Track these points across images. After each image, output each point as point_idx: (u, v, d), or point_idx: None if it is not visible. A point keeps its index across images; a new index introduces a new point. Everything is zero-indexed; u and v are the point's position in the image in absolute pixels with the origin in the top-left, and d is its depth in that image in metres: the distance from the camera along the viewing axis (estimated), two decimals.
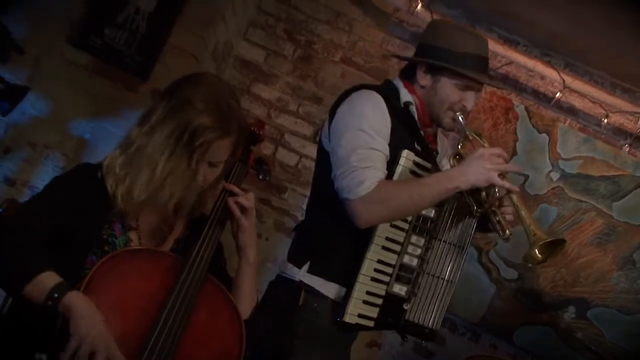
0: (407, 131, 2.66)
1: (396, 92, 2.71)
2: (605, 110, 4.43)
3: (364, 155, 2.47)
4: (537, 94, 4.56)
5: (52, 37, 3.99)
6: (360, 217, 2.45)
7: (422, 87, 2.70)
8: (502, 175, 2.42)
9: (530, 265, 2.54)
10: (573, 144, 4.41)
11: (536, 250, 2.45)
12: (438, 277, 2.64)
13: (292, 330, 2.57)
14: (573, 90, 4.46)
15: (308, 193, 4.43)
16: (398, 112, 2.64)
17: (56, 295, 1.84)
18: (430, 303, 2.64)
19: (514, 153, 4.42)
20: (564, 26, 4.10)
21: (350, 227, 2.51)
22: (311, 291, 2.58)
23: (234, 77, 4.57)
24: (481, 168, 2.40)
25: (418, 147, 2.67)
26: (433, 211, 2.63)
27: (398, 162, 2.54)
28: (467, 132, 2.65)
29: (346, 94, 2.66)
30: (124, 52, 4.02)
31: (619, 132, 4.50)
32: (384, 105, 2.59)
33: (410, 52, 4.53)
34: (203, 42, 4.13)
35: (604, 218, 4.36)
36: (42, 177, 3.88)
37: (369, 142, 2.49)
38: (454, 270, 2.65)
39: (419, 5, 4.39)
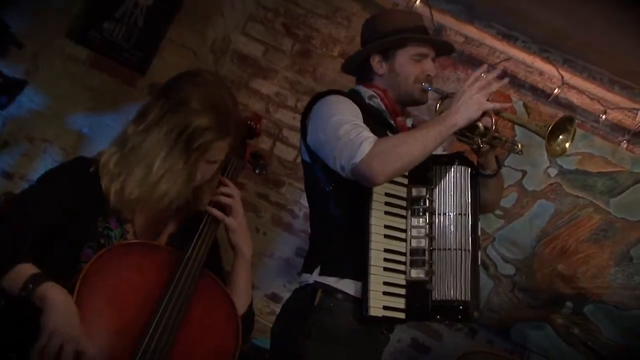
0: (378, 123, 2.69)
1: (358, 94, 2.77)
2: (604, 107, 4.43)
3: (349, 127, 2.48)
4: (535, 90, 4.56)
5: (51, 31, 3.99)
6: (374, 172, 2.40)
7: (381, 75, 2.77)
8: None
9: (557, 156, 2.53)
10: None
11: (555, 137, 2.45)
12: (450, 249, 2.60)
13: (306, 331, 2.56)
14: (571, 87, 4.46)
15: None
16: (365, 107, 2.68)
17: (30, 286, 1.83)
18: (451, 276, 2.59)
19: None
20: (563, 22, 4.10)
21: (348, 223, 2.57)
22: (327, 290, 2.58)
23: (232, 72, 4.57)
24: (470, 100, 2.45)
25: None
26: (424, 189, 2.63)
27: None
28: (441, 94, 2.71)
29: (312, 103, 2.73)
30: (123, 47, 4.02)
31: (617, 128, 4.50)
32: (350, 100, 2.65)
33: None
34: (201, 37, 4.13)
35: (601, 214, 4.36)
36: (40, 171, 3.80)
37: (349, 120, 2.52)
38: (463, 238, 2.61)
39: (418, 1, 4.38)
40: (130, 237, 2.19)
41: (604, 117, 4.43)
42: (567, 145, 2.46)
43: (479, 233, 2.70)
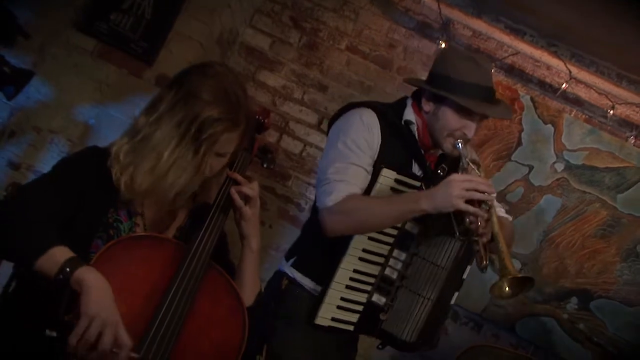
0: (405, 148, 2.74)
1: (402, 108, 2.78)
2: (612, 102, 4.41)
3: (341, 168, 2.59)
4: (543, 85, 4.54)
5: (58, 22, 3.99)
6: (325, 226, 2.58)
7: (426, 112, 2.73)
8: (476, 202, 2.42)
9: (495, 298, 2.52)
10: (578, 135, 4.40)
11: (505, 284, 2.43)
12: (416, 293, 2.68)
13: (276, 312, 2.74)
14: (579, 81, 4.45)
15: (312, 181, 4.47)
16: (396, 129, 2.72)
17: (68, 269, 1.84)
18: (406, 316, 2.68)
19: (518, 144, 4.42)
20: (571, 17, 4.08)
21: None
22: (291, 280, 2.77)
23: (239, 64, 4.57)
24: (447, 194, 2.42)
25: (415, 165, 2.75)
26: (417, 228, 2.67)
27: (377, 180, 2.61)
28: (464, 161, 2.64)
29: (340, 112, 2.78)
30: (130, 38, 4.02)
31: (625, 123, 4.49)
32: (375, 121, 2.68)
33: (415, 41, 4.54)
34: (208, 29, 4.12)
35: (608, 209, 4.35)
36: (46, 162, 3.89)
37: (348, 157, 2.61)
38: (431, 287, 2.66)
39: None
40: (139, 230, 2.19)
41: (611, 112, 4.41)
42: (507, 290, 2.44)
43: (464, 277, 2.78)
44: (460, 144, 2.64)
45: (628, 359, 4.22)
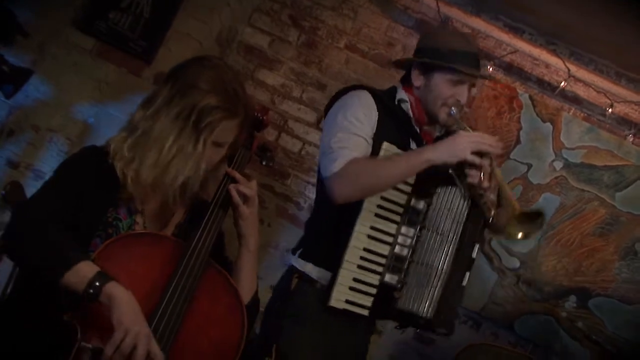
0: (400, 127, 2.77)
1: (394, 93, 2.84)
2: (610, 100, 4.41)
3: (343, 138, 2.60)
4: (541, 83, 4.54)
5: (57, 21, 3.99)
6: (333, 192, 2.57)
7: (417, 87, 2.80)
8: (480, 154, 2.47)
9: (511, 240, 2.55)
10: (577, 133, 4.41)
11: (515, 223, 2.48)
12: (429, 266, 2.68)
13: (284, 311, 2.70)
14: (578, 80, 4.45)
15: (310, 179, 4.47)
16: (390, 109, 2.76)
17: (98, 283, 1.84)
18: (422, 291, 2.67)
19: (517, 142, 4.42)
20: (570, 15, 4.08)
21: (338, 215, 2.65)
22: (301, 275, 2.72)
23: (238, 63, 4.57)
24: (455, 144, 2.49)
25: (413, 143, 2.78)
26: (422, 203, 2.68)
27: (378, 155, 2.62)
28: (459, 126, 2.69)
29: (337, 96, 2.81)
30: (129, 36, 4.03)
31: (624, 121, 4.49)
32: (372, 102, 2.72)
33: (414, 40, 4.54)
34: (207, 27, 4.13)
35: (607, 208, 4.35)
36: (45, 160, 3.88)
37: (349, 129, 2.63)
38: (443, 258, 2.68)
39: None
40: (138, 228, 2.19)
41: (610, 110, 4.42)
42: (519, 229, 2.49)
43: (473, 256, 2.76)
44: (454, 110, 2.72)
45: (627, 358, 4.23)
